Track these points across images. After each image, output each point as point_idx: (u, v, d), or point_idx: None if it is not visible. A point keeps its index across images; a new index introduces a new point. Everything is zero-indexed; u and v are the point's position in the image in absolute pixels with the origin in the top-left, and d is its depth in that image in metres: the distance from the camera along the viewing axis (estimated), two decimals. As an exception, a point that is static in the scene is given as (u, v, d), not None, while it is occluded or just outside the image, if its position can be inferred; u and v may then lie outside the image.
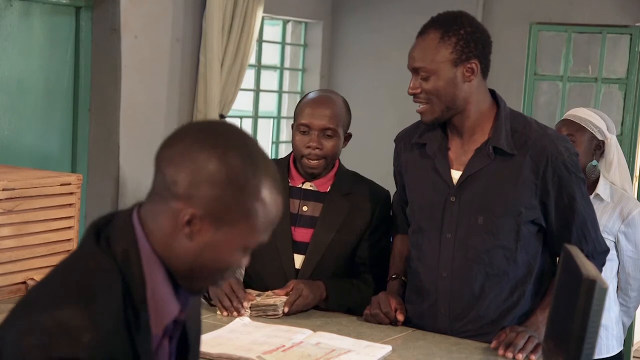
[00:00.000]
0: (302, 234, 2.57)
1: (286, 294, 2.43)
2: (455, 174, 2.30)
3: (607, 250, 2.39)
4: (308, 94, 2.68)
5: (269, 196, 1.29)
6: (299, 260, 2.57)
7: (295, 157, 2.59)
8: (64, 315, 1.16)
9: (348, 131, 2.62)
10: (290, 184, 2.60)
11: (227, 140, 1.27)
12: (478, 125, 2.28)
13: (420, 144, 2.38)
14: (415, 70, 2.26)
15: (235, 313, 2.37)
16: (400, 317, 2.37)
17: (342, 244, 2.57)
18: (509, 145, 2.24)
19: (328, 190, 2.59)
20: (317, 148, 2.51)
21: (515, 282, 2.29)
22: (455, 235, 2.28)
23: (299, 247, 2.56)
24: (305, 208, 2.58)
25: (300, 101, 2.64)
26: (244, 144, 1.29)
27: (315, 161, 2.53)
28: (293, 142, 2.58)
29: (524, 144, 2.25)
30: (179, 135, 1.29)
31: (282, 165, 2.63)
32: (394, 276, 2.50)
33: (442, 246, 2.30)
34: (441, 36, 2.21)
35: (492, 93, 2.33)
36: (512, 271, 2.28)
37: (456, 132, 2.31)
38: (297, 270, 2.56)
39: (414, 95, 2.27)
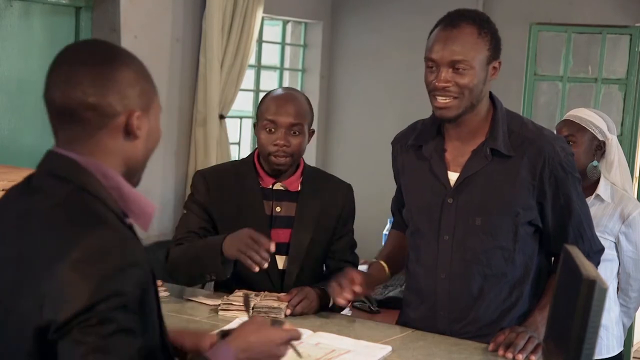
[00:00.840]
0: (279, 235, 2.58)
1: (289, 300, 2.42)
2: (452, 176, 2.29)
3: (602, 249, 2.40)
4: (270, 92, 2.66)
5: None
6: (280, 261, 2.58)
7: (261, 155, 2.59)
8: (102, 235, 1.30)
9: (312, 127, 2.64)
10: (261, 185, 2.61)
11: (108, 49, 1.44)
12: (480, 126, 2.27)
13: (416, 146, 2.36)
14: (451, 63, 2.17)
15: (258, 266, 2.30)
16: (356, 289, 2.28)
17: (319, 241, 2.61)
18: (506, 146, 2.23)
19: (299, 189, 2.61)
20: (285, 145, 2.52)
21: (513, 282, 2.29)
22: (453, 236, 2.27)
23: (279, 248, 2.54)
24: (278, 209, 2.60)
25: (263, 99, 2.64)
26: (108, 43, 1.47)
27: (283, 158, 2.54)
28: (259, 140, 2.58)
29: (521, 145, 2.24)
30: (70, 75, 1.39)
31: (248, 166, 2.63)
32: (374, 259, 2.52)
33: (440, 248, 2.29)
34: (478, 32, 2.18)
35: (489, 94, 2.32)
36: (510, 272, 2.28)
37: (456, 133, 2.29)
38: (281, 270, 2.58)
39: (444, 88, 2.18)
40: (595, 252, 2.35)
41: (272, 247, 2.31)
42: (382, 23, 5.72)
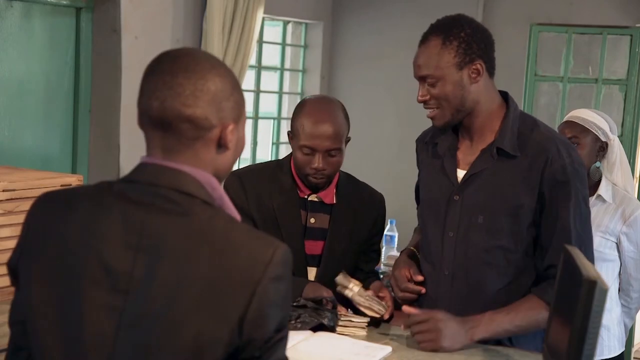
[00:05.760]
0: (312, 247, 2.56)
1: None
2: (461, 173, 2.31)
3: None
4: (305, 103, 2.55)
5: None
6: (312, 273, 2.56)
7: (298, 172, 2.54)
8: (285, 250, 1.36)
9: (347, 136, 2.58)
10: (298, 195, 2.56)
11: (206, 60, 1.42)
12: (487, 126, 2.28)
13: (433, 144, 2.41)
14: (422, 79, 2.26)
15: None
16: (419, 278, 2.38)
17: (351, 252, 2.59)
18: (512, 146, 2.24)
19: (334, 201, 2.58)
20: (323, 169, 2.47)
21: (513, 283, 2.28)
22: (457, 233, 2.29)
23: (309, 260, 2.55)
24: (312, 220, 2.56)
25: (298, 112, 2.53)
26: (204, 53, 1.46)
27: (321, 180, 2.51)
28: (295, 158, 2.51)
29: (528, 146, 2.24)
30: (171, 85, 1.37)
31: (285, 172, 2.58)
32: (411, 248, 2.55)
33: (444, 244, 2.31)
34: (443, 41, 2.21)
35: (505, 94, 2.33)
36: (511, 272, 2.27)
37: (466, 132, 2.32)
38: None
39: (424, 102, 2.27)
40: None
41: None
42: (382, 24, 5.72)
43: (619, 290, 3.04)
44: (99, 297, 1.32)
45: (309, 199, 2.57)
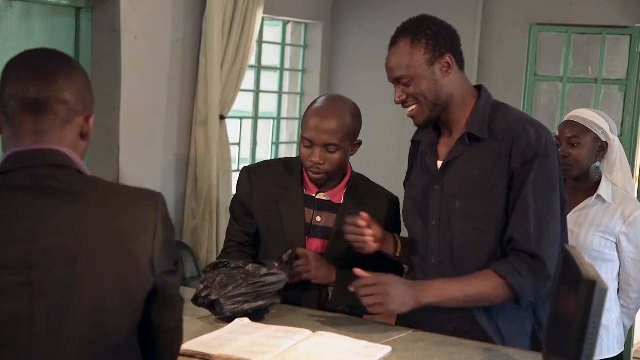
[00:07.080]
0: (316, 245, 2.57)
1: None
2: (440, 165, 2.36)
3: (545, 265, 2.20)
4: (317, 99, 2.62)
5: None
6: None
7: (304, 167, 2.59)
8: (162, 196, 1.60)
9: (358, 139, 2.60)
10: (305, 192, 2.59)
11: (68, 58, 1.58)
12: (462, 117, 2.33)
13: (417, 141, 2.49)
14: (396, 80, 2.33)
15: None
16: (364, 215, 2.40)
17: (356, 253, 2.55)
18: (481, 130, 2.28)
19: (342, 201, 2.59)
20: (319, 163, 2.50)
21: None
22: (439, 221, 2.33)
23: None
24: (318, 218, 2.58)
25: (309, 107, 2.60)
26: (67, 54, 1.61)
27: (318, 175, 2.53)
28: (299, 151, 2.57)
29: (497, 129, 2.28)
30: (47, 72, 1.51)
31: (296, 169, 2.61)
32: None
33: (429, 233, 2.35)
34: (412, 41, 2.30)
35: (479, 87, 2.37)
36: (494, 255, 2.27)
37: (444, 126, 2.38)
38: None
39: (402, 103, 2.34)
40: (532, 257, 2.20)
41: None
42: (382, 23, 5.71)
43: (618, 290, 3.04)
44: (1, 282, 1.42)
45: (317, 197, 2.59)
